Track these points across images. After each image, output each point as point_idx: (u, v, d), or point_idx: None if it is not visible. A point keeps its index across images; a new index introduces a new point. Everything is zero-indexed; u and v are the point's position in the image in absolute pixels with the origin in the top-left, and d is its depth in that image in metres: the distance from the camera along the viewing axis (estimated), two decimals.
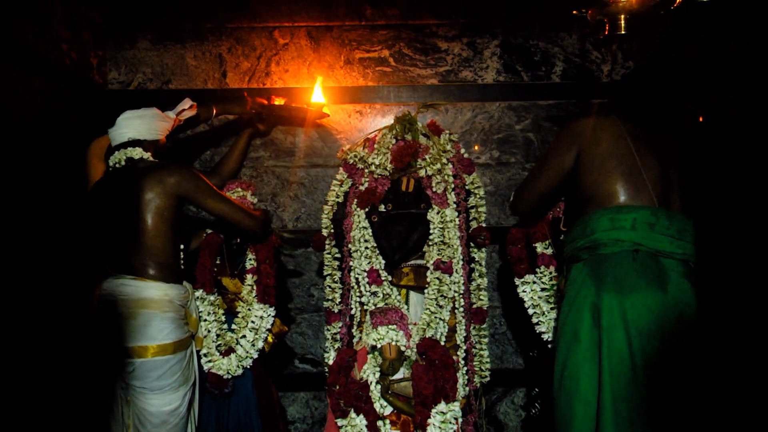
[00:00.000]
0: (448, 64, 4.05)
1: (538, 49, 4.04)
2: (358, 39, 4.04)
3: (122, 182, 2.86)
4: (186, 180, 2.85)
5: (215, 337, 3.32)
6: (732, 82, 2.73)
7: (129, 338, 2.72)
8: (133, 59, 4.05)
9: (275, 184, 4.07)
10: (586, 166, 2.54)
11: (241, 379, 3.35)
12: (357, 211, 3.42)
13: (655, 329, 2.30)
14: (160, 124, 3.03)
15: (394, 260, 3.33)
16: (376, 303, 3.28)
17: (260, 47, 4.05)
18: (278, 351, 3.70)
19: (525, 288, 3.23)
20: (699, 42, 3.26)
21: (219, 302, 3.41)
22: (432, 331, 3.18)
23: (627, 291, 2.35)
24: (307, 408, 4.11)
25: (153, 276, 2.80)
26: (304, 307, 4.09)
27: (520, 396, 4.08)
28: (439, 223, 3.32)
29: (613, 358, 2.32)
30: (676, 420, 2.30)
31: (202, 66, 4.06)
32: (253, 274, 3.41)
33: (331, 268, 3.58)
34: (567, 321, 2.50)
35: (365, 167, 3.48)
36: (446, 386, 2.83)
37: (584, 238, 2.51)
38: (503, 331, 4.08)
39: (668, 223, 2.40)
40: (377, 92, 4.02)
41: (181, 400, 2.87)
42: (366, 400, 2.89)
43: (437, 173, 3.39)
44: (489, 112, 4.04)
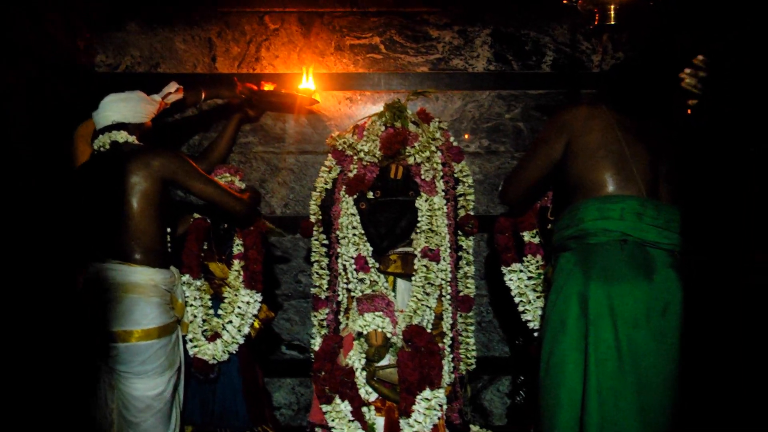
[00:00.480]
0: (439, 52, 4.04)
1: (528, 38, 4.03)
2: (349, 25, 4.03)
3: (107, 166, 2.84)
4: (171, 163, 2.84)
5: (201, 323, 3.31)
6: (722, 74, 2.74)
7: (114, 322, 2.71)
8: (121, 42, 4.02)
9: (264, 170, 4.06)
10: (575, 156, 2.54)
11: (227, 365, 3.34)
12: (345, 198, 3.41)
13: (641, 318, 2.31)
14: (146, 107, 3.00)
15: (382, 247, 3.34)
16: (363, 290, 3.28)
17: (250, 32, 4.03)
18: (265, 337, 3.70)
19: (512, 276, 3.24)
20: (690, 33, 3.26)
21: (206, 287, 3.40)
22: (418, 319, 3.18)
23: (614, 280, 2.36)
24: (293, 394, 4.12)
25: (139, 260, 2.79)
26: (291, 293, 4.09)
27: (505, 384, 4.09)
28: (427, 211, 3.33)
29: (599, 347, 2.33)
30: (661, 409, 2.31)
31: (191, 50, 4.04)
32: (241, 259, 3.40)
33: (318, 255, 3.57)
34: (554, 310, 2.51)
35: (354, 154, 3.48)
36: (431, 373, 2.84)
37: (572, 228, 2.51)
38: (490, 319, 4.09)
39: (656, 213, 2.40)
40: (368, 79, 4.01)
41: (166, 384, 2.86)
42: (351, 387, 2.90)
43: (426, 161, 3.38)
44: (479, 101, 4.04)
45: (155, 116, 3.09)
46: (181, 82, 3.28)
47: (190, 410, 3.33)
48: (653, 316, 2.33)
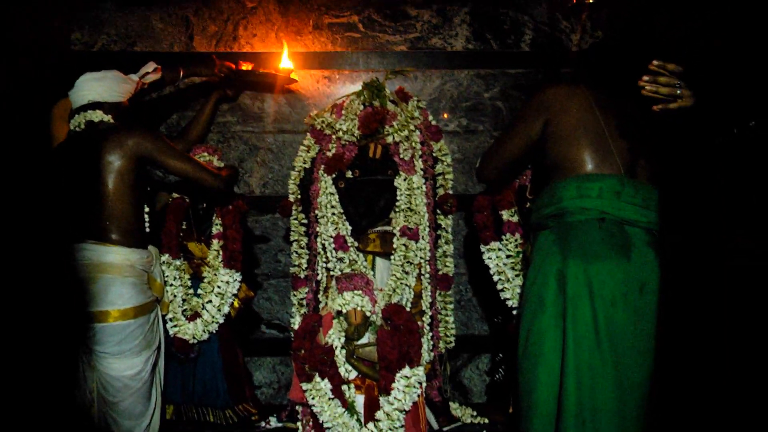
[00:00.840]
0: (418, 31, 4.03)
1: (507, 17, 4.03)
2: (327, 4, 4.01)
3: (82, 146, 2.82)
4: (145, 140, 2.82)
5: (181, 302, 3.31)
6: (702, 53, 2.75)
7: (90, 303, 2.71)
8: (97, 20, 3.97)
9: (243, 149, 4.04)
10: (554, 135, 2.54)
11: (207, 344, 3.35)
12: (324, 177, 3.41)
13: (619, 297, 2.33)
14: (122, 86, 2.98)
15: (361, 226, 3.35)
16: (342, 269, 3.29)
17: (228, 10, 4.00)
18: (245, 316, 3.71)
19: (490, 255, 3.26)
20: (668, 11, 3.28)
21: (185, 267, 3.40)
22: (397, 297, 3.20)
23: (592, 259, 2.36)
24: (274, 373, 4.13)
25: (115, 240, 2.78)
26: (270, 272, 4.09)
27: (484, 362, 4.12)
28: (406, 190, 3.33)
29: (577, 325, 2.34)
30: (638, 387, 2.34)
31: (168, 29, 4.00)
32: (220, 239, 3.40)
33: (297, 234, 3.57)
34: (533, 288, 2.52)
35: (333, 133, 3.47)
36: (411, 351, 2.86)
37: (551, 206, 2.52)
38: (469, 297, 4.11)
39: (634, 191, 2.41)
40: (346, 58, 4.00)
41: (143, 364, 2.85)
42: (331, 365, 2.91)
43: (405, 140, 3.39)
44: (458, 80, 4.03)
45: (132, 96, 3.07)
46: (158, 60, 3.25)
47: (170, 390, 3.34)
48: (631, 294, 2.34)
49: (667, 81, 2.13)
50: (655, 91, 2.14)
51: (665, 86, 2.12)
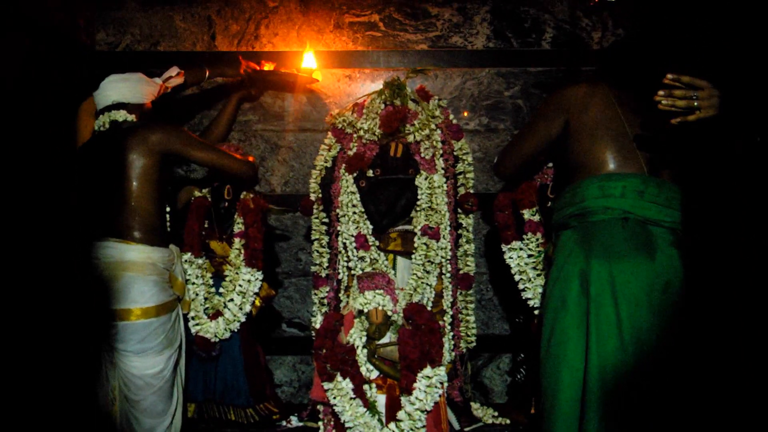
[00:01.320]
0: (438, 30, 4.03)
1: (528, 15, 4.02)
2: (348, 3, 4.01)
3: (106, 145, 2.85)
4: (169, 135, 2.85)
5: (203, 301, 3.32)
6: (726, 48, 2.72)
7: (112, 301, 2.73)
8: (121, 20, 4.01)
9: (264, 148, 4.05)
10: (575, 134, 2.53)
11: (229, 343, 3.36)
12: (345, 176, 3.41)
13: (642, 297, 2.31)
14: (146, 88, 3.01)
15: (382, 225, 3.34)
16: (364, 268, 3.29)
17: (249, 10, 4.02)
18: (266, 315, 3.72)
19: (512, 254, 3.25)
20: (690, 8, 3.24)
21: (207, 266, 3.42)
22: (419, 296, 3.20)
23: (615, 258, 2.35)
24: (294, 371, 4.14)
25: (137, 239, 2.80)
26: (291, 271, 4.10)
27: (505, 362, 4.11)
28: (427, 189, 3.33)
29: (600, 325, 2.32)
30: (662, 387, 2.32)
31: (190, 28, 4.02)
32: (241, 237, 3.41)
33: (318, 233, 3.58)
34: (555, 288, 2.50)
35: (354, 132, 3.47)
36: (432, 351, 2.85)
37: (574, 206, 2.50)
38: (490, 297, 4.10)
39: (657, 191, 2.39)
40: (367, 57, 4.00)
41: (165, 363, 2.87)
42: (352, 364, 2.91)
43: (426, 139, 3.38)
44: (478, 78, 4.03)
45: (155, 98, 3.09)
46: (181, 60, 3.28)
47: (192, 388, 3.36)
48: (654, 294, 2.32)
49: (683, 94, 2.10)
50: (672, 104, 2.11)
51: (682, 99, 2.10)
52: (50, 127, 3.30)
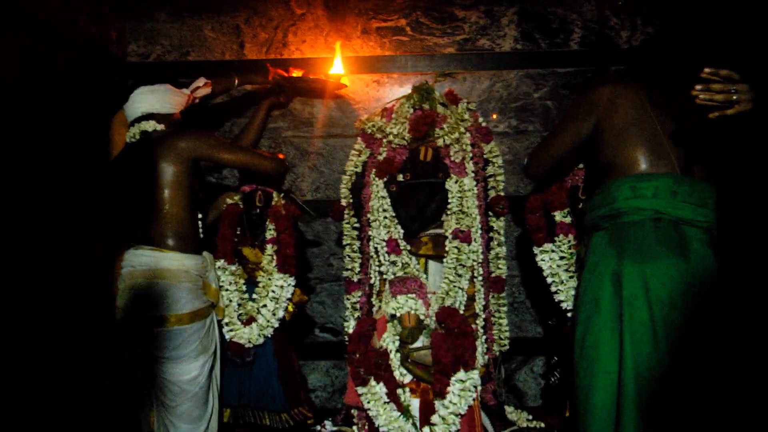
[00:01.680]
0: (466, 33, 4.02)
1: (555, 16, 4.00)
2: (375, 8, 4.02)
3: (138, 154, 2.89)
4: (197, 139, 2.88)
5: (236, 307, 3.35)
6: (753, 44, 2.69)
7: (147, 308, 2.76)
8: (151, 32, 4.06)
9: (294, 154, 4.08)
10: (606, 135, 2.51)
11: (263, 348, 3.39)
12: (375, 181, 3.42)
13: (676, 298, 2.28)
14: (174, 98, 3.05)
15: (413, 229, 3.34)
16: (395, 272, 3.29)
17: (277, 18, 4.05)
18: (298, 320, 3.74)
19: (543, 257, 3.24)
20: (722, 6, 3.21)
21: (240, 272, 3.44)
22: (451, 300, 3.19)
23: (649, 259, 2.33)
24: (328, 376, 4.16)
25: (170, 246, 2.82)
26: (323, 276, 4.12)
27: (539, 364, 4.10)
28: (457, 192, 3.32)
29: (634, 327, 2.30)
30: (698, 390, 2.29)
31: (219, 37, 4.06)
32: (273, 243, 3.43)
33: (350, 238, 3.59)
34: (588, 290, 2.49)
35: (383, 137, 3.48)
36: (465, 354, 2.85)
37: (605, 207, 2.49)
38: (522, 299, 4.09)
39: (690, 190, 2.37)
40: (394, 62, 4.01)
41: (200, 369, 2.89)
42: (386, 369, 2.91)
43: (455, 142, 3.38)
44: (507, 81, 4.02)
45: (184, 108, 3.13)
46: (210, 69, 3.32)
47: (227, 394, 3.38)
48: (689, 295, 2.29)
49: (721, 87, 2.08)
50: (710, 98, 2.09)
51: (720, 93, 2.08)
52: (86, 138, 3.36)
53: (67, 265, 3.18)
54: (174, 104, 3.05)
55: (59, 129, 3.19)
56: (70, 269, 3.19)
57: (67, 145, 3.24)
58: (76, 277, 3.22)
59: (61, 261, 3.13)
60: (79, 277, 3.24)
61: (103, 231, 3.35)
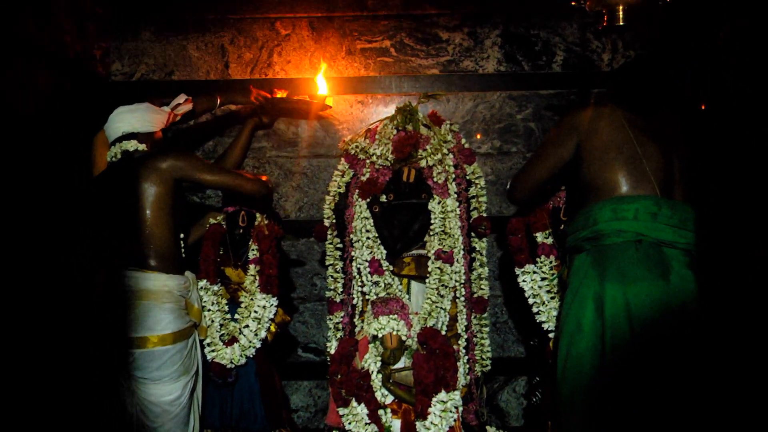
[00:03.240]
0: (450, 54, 4.05)
1: (538, 38, 4.04)
2: (360, 29, 4.05)
3: (120, 174, 2.88)
4: (179, 161, 2.86)
5: (219, 327, 3.34)
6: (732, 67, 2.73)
7: (129, 329, 2.74)
8: (135, 51, 4.06)
9: (278, 174, 4.08)
10: (587, 157, 2.54)
11: (245, 368, 3.37)
12: (358, 202, 3.43)
13: (658, 319, 2.30)
14: (154, 116, 3.04)
15: (396, 250, 3.35)
16: (378, 292, 3.29)
17: (262, 38, 4.06)
18: (281, 340, 3.73)
19: (525, 278, 3.25)
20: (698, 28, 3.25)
21: (222, 292, 3.43)
22: (433, 321, 3.19)
23: (630, 281, 2.35)
24: (310, 396, 4.14)
25: (152, 267, 2.81)
26: (306, 296, 4.12)
27: (521, 384, 4.10)
28: (440, 213, 3.33)
29: (616, 349, 2.33)
30: (682, 411, 2.31)
31: (204, 57, 4.07)
32: (256, 264, 3.43)
33: (333, 258, 3.59)
34: (570, 311, 2.50)
35: (367, 158, 3.49)
36: (447, 375, 2.85)
37: (587, 229, 2.51)
38: (504, 319, 4.10)
39: (671, 212, 2.39)
40: (379, 82, 4.03)
41: (182, 390, 2.88)
42: (367, 389, 2.91)
43: (438, 163, 3.39)
44: (490, 102, 4.05)
45: (165, 127, 3.13)
46: (195, 88, 3.32)
47: (208, 414, 3.36)
48: (670, 317, 2.32)
49: None
50: None
51: None
52: (67, 157, 3.34)
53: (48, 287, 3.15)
54: (154, 123, 3.04)
55: (37, 147, 3.18)
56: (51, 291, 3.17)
57: (48, 163, 3.23)
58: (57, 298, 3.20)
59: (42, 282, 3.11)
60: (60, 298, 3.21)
61: (85, 251, 3.33)
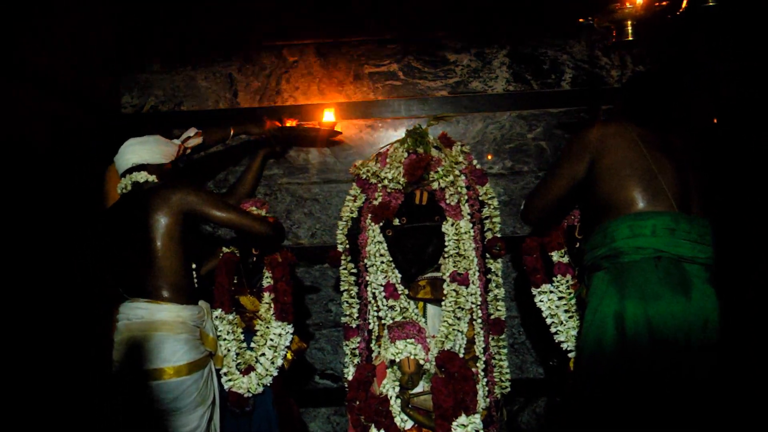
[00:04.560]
0: (458, 76, 4.06)
1: (546, 57, 4.04)
2: (367, 54, 4.06)
3: (130, 206, 2.88)
4: (189, 195, 2.85)
5: (235, 356, 3.32)
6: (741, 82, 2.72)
7: (144, 361, 2.73)
8: (144, 83, 4.09)
9: (289, 201, 4.08)
10: (601, 175, 2.52)
11: (261, 397, 3.34)
12: (371, 226, 3.42)
13: (681, 337, 2.28)
14: (164, 148, 3.06)
15: (410, 273, 3.33)
16: (394, 317, 3.27)
17: (270, 66, 4.08)
18: (298, 367, 3.70)
19: (542, 298, 3.22)
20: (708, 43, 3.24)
21: (237, 321, 3.41)
22: (450, 344, 3.17)
23: (651, 299, 2.32)
24: (329, 423, 4.11)
25: (166, 298, 2.80)
26: (322, 322, 4.10)
27: (542, 405, 4.06)
28: (453, 235, 3.32)
29: (638, 367, 2.30)
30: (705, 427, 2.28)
31: (212, 87, 4.09)
32: (270, 291, 3.41)
33: (347, 284, 3.57)
34: (590, 330, 2.47)
35: (378, 182, 3.48)
36: (466, 398, 2.82)
37: (604, 247, 2.48)
38: (522, 340, 4.06)
39: (689, 227, 2.37)
40: (387, 106, 4.04)
41: (199, 420, 2.86)
42: (386, 415, 2.88)
43: (450, 185, 3.38)
44: (500, 122, 4.04)
45: (175, 159, 3.14)
46: (204, 118, 3.33)
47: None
48: (693, 333, 2.29)
49: None
50: None
51: None
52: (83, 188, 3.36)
53: (63, 319, 3.15)
54: (164, 154, 3.05)
55: (47, 180, 3.19)
56: (66, 322, 3.17)
57: (59, 195, 3.24)
58: (72, 330, 3.20)
59: (57, 314, 3.11)
60: (75, 331, 3.21)
61: (98, 283, 3.33)
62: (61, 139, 3.32)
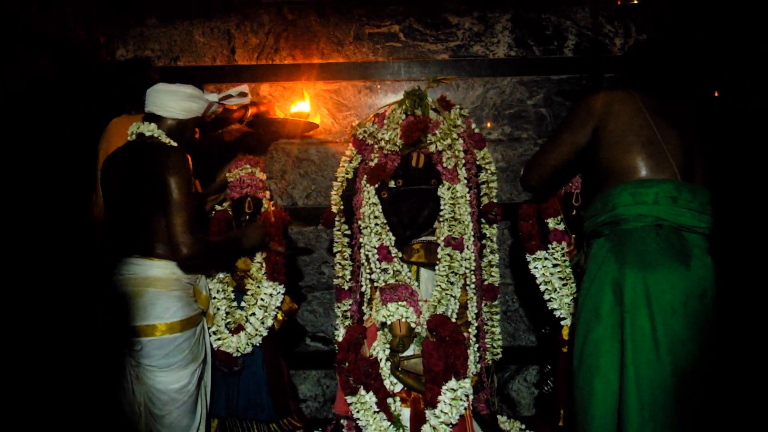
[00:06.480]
0: (459, 39, 4.00)
1: (550, 23, 3.98)
2: (368, 14, 4.00)
3: (128, 159, 2.81)
4: (170, 168, 2.68)
5: (224, 315, 3.30)
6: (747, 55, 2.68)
7: (136, 317, 2.70)
8: (140, 36, 4.03)
9: (285, 161, 4.04)
10: (604, 142, 2.49)
11: (251, 357, 3.33)
12: (367, 188, 3.39)
13: (678, 306, 2.26)
14: (187, 104, 2.88)
15: (405, 237, 3.31)
16: (387, 280, 3.25)
17: (269, 23, 4.02)
18: (289, 329, 3.70)
19: (536, 264, 3.19)
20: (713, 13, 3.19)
21: (228, 280, 3.39)
22: (443, 308, 3.15)
23: (650, 267, 2.30)
24: (319, 386, 4.11)
25: (160, 254, 2.76)
26: (314, 284, 4.08)
27: (532, 373, 4.06)
28: (449, 199, 3.29)
29: (635, 336, 2.28)
30: (701, 398, 2.27)
31: (210, 42, 4.03)
32: (263, 251, 3.39)
33: (341, 245, 3.55)
34: (588, 297, 2.46)
35: (375, 143, 3.44)
36: (457, 363, 2.81)
37: (605, 214, 2.46)
38: (515, 308, 4.05)
39: (691, 196, 2.35)
40: (387, 68, 3.99)
41: (190, 377, 2.85)
42: (376, 378, 2.87)
43: (448, 148, 3.35)
44: (500, 87, 3.99)
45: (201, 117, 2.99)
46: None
47: (215, 403, 3.32)
48: (690, 303, 2.27)
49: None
50: None
51: None
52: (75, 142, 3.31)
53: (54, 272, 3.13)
54: (185, 110, 2.88)
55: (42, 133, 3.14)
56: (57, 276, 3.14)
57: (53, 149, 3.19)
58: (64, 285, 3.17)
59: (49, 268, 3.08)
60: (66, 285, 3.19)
61: (92, 238, 3.30)
62: (52, 92, 3.26)
